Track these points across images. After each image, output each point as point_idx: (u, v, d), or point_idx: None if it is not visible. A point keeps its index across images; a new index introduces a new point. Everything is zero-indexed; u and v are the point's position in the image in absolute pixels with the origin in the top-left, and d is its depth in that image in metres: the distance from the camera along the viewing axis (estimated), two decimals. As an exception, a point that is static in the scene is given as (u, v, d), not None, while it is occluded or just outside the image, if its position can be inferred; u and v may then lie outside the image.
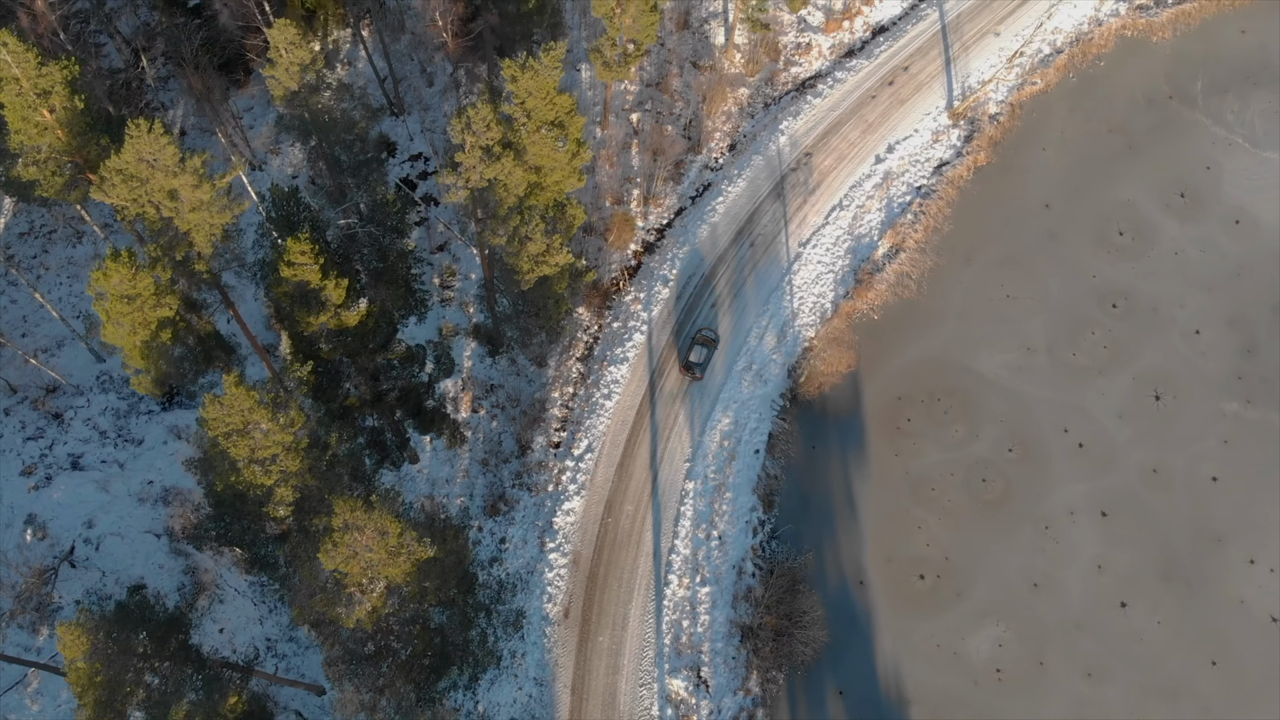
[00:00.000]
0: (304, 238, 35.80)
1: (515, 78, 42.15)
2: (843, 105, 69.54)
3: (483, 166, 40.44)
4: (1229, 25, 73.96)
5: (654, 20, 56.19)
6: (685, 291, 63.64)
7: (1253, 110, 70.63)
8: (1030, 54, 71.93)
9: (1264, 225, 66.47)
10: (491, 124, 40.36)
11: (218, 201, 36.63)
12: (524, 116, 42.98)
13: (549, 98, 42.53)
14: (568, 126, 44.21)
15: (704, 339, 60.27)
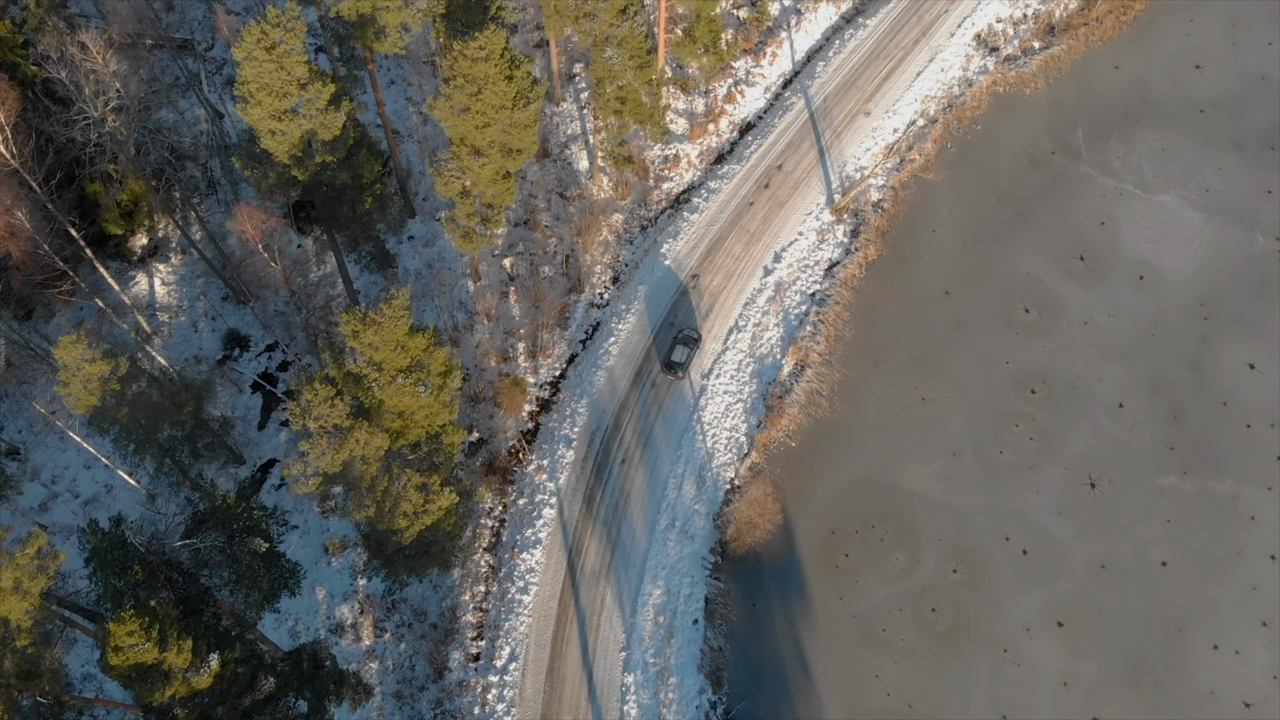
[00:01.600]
0: (129, 616, 30.57)
1: (357, 332, 37.31)
2: (721, 217, 65.91)
3: (332, 452, 35.57)
4: (1101, 63, 72.30)
5: (509, 185, 51.75)
6: (592, 450, 59.30)
7: (1138, 152, 68.95)
8: (904, 130, 69.18)
9: (1168, 277, 64.68)
10: (335, 401, 35.47)
11: (25, 573, 31.19)
12: (374, 370, 38.16)
13: (399, 346, 37.78)
14: (429, 365, 39.49)
15: (686, 338, 60.08)
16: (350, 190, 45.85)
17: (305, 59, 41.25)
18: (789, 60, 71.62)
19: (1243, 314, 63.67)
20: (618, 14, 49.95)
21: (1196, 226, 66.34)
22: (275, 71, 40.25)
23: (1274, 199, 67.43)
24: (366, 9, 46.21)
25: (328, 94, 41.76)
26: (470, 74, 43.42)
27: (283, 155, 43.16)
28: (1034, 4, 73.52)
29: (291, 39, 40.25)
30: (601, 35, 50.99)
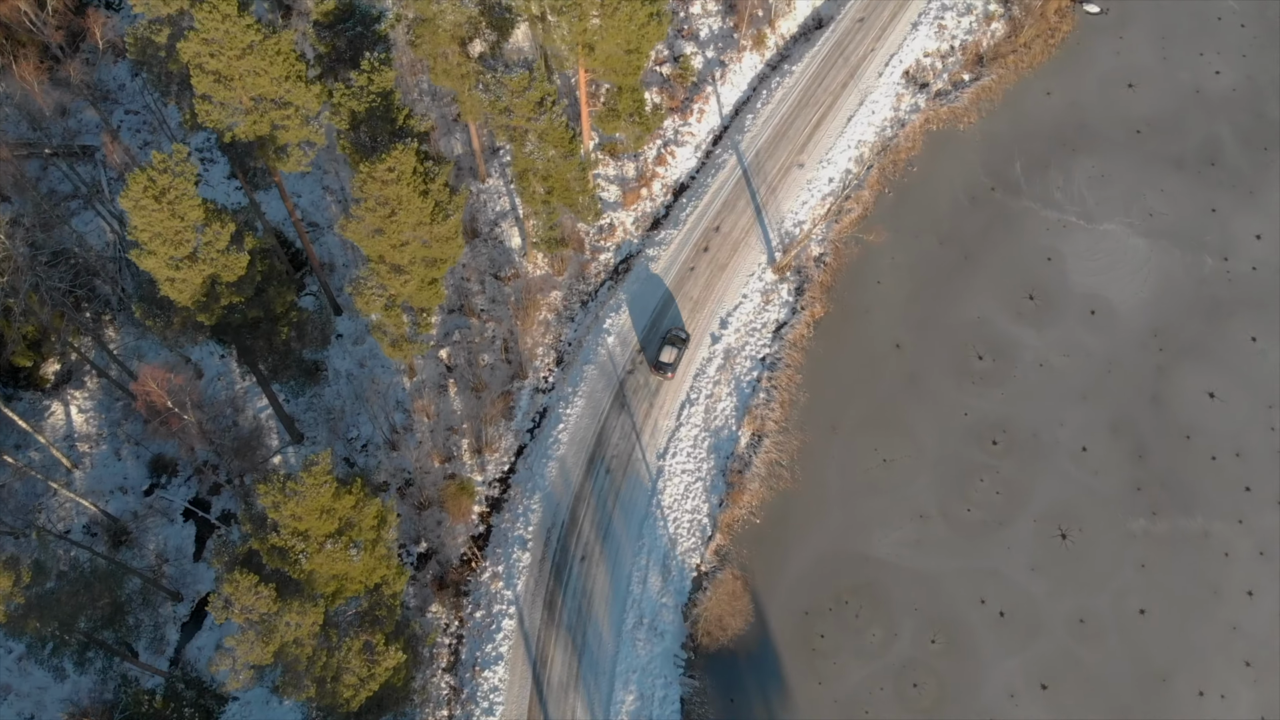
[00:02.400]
0: None
1: (278, 504, 34.56)
2: (664, 285, 63.64)
3: (261, 644, 32.84)
4: (1033, 90, 71.17)
5: (436, 290, 49.16)
6: (549, 549, 56.83)
7: (1078, 181, 67.88)
8: (839, 179, 67.45)
9: (1119, 309, 63.59)
10: (259, 589, 32.70)
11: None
12: (300, 541, 35.41)
13: (325, 512, 35.09)
14: (360, 523, 36.82)
15: (674, 338, 59.76)
16: (265, 323, 42.99)
17: (199, 201, 38.36)
18: (717, 115, 69.64)
19: (1197, 341, 62.76)
20: (534, 107, 47.53)
21: (1143, 254, 65.36)
22: (168, 220, 37.36)
23: (1218, 217, 66.68)
24: (264, 130, 43.36)
25: (228, 234, 38.94)
26: (382, 196, 40.77)
27: (186, 301, 40.22)
28: (960, 35, 72.22)
29: (182, 183, 37.37)
30: (520, 129, 48.55)
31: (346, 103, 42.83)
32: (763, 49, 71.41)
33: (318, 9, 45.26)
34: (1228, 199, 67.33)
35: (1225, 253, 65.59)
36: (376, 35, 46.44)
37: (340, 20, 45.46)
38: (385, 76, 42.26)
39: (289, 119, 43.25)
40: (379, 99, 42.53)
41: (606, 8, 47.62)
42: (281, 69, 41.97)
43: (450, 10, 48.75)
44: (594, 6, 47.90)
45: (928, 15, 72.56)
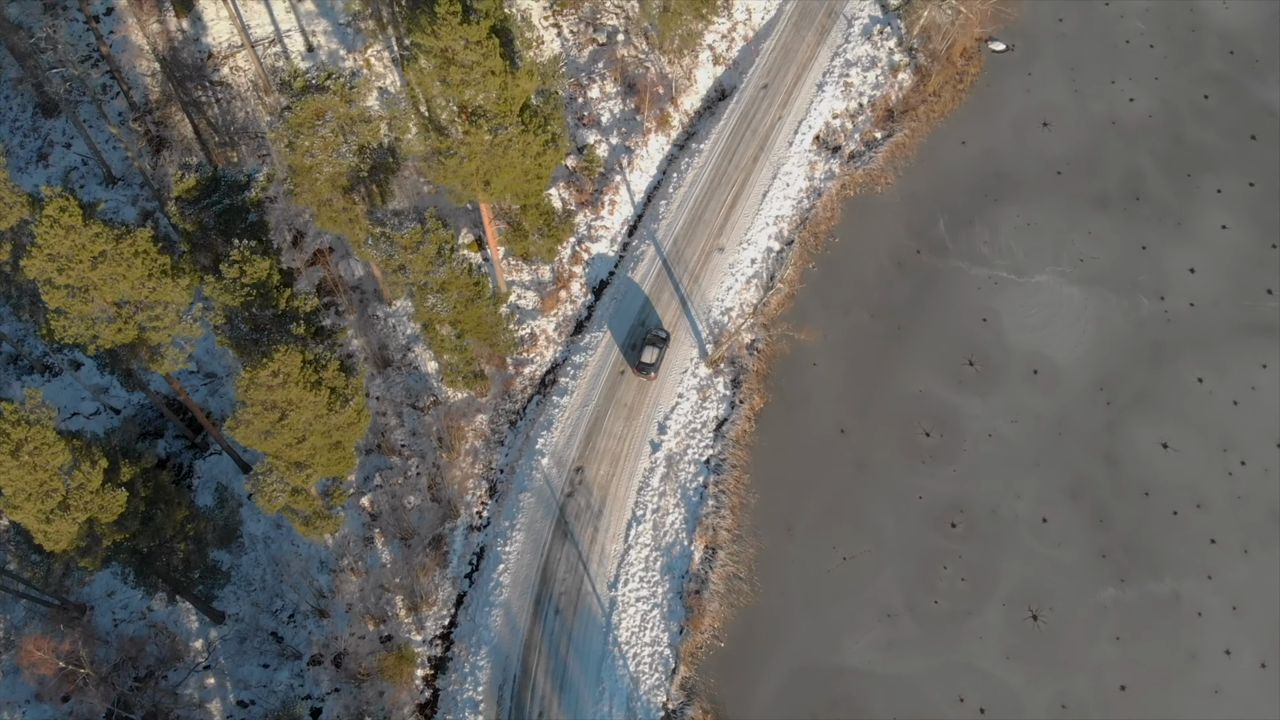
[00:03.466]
0: None
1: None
2: (594, 394, 60.63)
3: None
4: (947, 141, 69.28)
5: (344, 455, 45.52)
6: (503, 709, 53.41)
7: (1004, 233, 66.09)
8: (761, 259, 64.91)
9: (1061, 365, 61.86)
10: None
11: None
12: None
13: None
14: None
15: (654, 338, 59.66)
16: (156, 551, 39.05)
17: (62, 444, 34.39)
18: (629, 204, 66.69)
19: (1144, 389, 61.28)
20: (431, 261, 44.12)
21: (1078, 303, 63.75)
22: (29, 475, 33.36)
23: (1149, 255, 65.34)
24: (131, 335, 39.41)
25: (99, 473, 35.06)
26: (269, 401, 37.11)
27: (65, 548, 36.20)
28: (868, 91, 70.09)
29: (40, 431, 33.41)
30: (419, 284, 45.09)
31: (219, 297, 39.07)
32: (668, 129, 68.61)
33: (178, 186, 41.39)
34: (1157, 234, 66.04)
35: (1161, 291, 64.23)
36: (247, 204, 42.69)
37: (205, 195, 41.60)
38: (258, 266, 38.57)
39: (158, 318, 39.36)
40: (254, 290, 38.83)
41: (497, 146, 44.38)
42: (142, 269, 38.18)
43: (326, 162, 45.14)
44: (483, 146, 44.62)
45: (832, 74, 70.33)
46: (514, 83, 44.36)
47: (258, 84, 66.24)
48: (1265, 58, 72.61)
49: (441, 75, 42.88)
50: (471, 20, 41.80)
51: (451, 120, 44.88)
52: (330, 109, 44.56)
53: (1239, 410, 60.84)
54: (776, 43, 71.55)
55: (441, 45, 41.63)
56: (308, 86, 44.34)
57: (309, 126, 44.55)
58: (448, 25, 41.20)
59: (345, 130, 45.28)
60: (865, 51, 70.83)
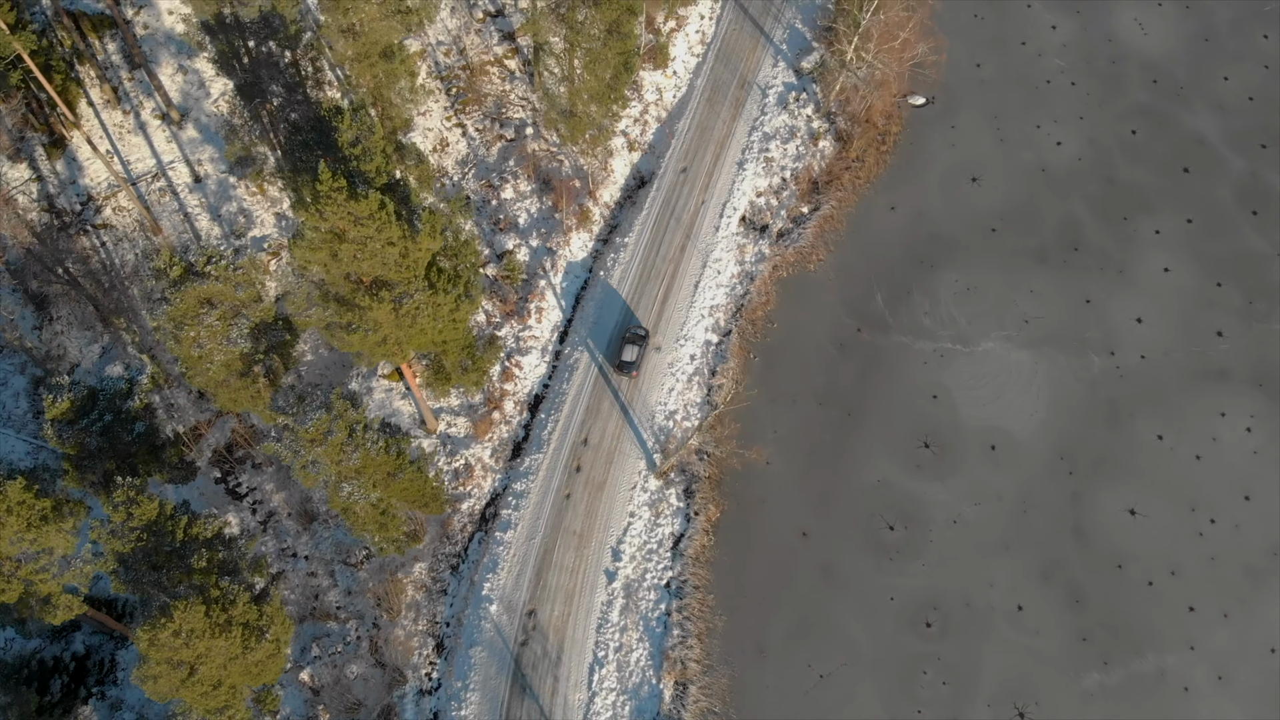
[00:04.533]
0: None
1: None
2: (540, 525, 57.28)
3: None
4: (876, 208, 66.96)
5: (270, 669, 41.69)
6: None
7: (944, 301, 63.89)
8: (700, 355, 62.02)
9: (1018, 437, 59.80)
10: None
11: None
12: None
13: None
14: None
15: (633, 336, 59.60)
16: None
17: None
18: (558, 309, 63.42)
19: (1104, 454, 59.45)
20: (342, 449, 40.47)
21: (1028, 368, 61.75)
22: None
23: (1095, 308, 63.59)
24: (15, 594, 35.31)
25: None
26: (175, 659, 33.28)
27: None
28: (790, 164, 67.52)
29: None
30: (334, 474, 41.42)
31: (108, 544, 35.12)
32: (589, 224, 65.42)
33: (51, 410, 37.31)
34: (1099, 284, 64.33)
35: (1110, 346, 62.49)
36: (132, 414, 38.68)
37: (82, 414, 37.58)
38: (147, 507, 34.68)
39: (44, 570, 35.31)
40: (145, 532, 34.94)
41: (404, 318, 40.87)
42: (19, 521, 34.08)
43: (218, 351, 41.25)
44: (389, 319, 41.08)
45: (751, 150, 67.64)
46: (415, 247, 40.87)
47: (144, 224, 61.82)
48: (1189, 82, 71.35)
49: (332, 252, 39.28)
50: (359, 194, 38.27)
51: (352, 291, 41.27)
52: (215, 295, 40.67)
53: (1202, 465, 59.25)
54: (691, 121, 68.69)
55: (328, 226, 38.02)
56: (187, 272, 40.45)
57: (193, 317, 40.62)
58: (332, 204, 37.62)
59: (235, 314, 41.40)
60: (783, 122, 68.25)
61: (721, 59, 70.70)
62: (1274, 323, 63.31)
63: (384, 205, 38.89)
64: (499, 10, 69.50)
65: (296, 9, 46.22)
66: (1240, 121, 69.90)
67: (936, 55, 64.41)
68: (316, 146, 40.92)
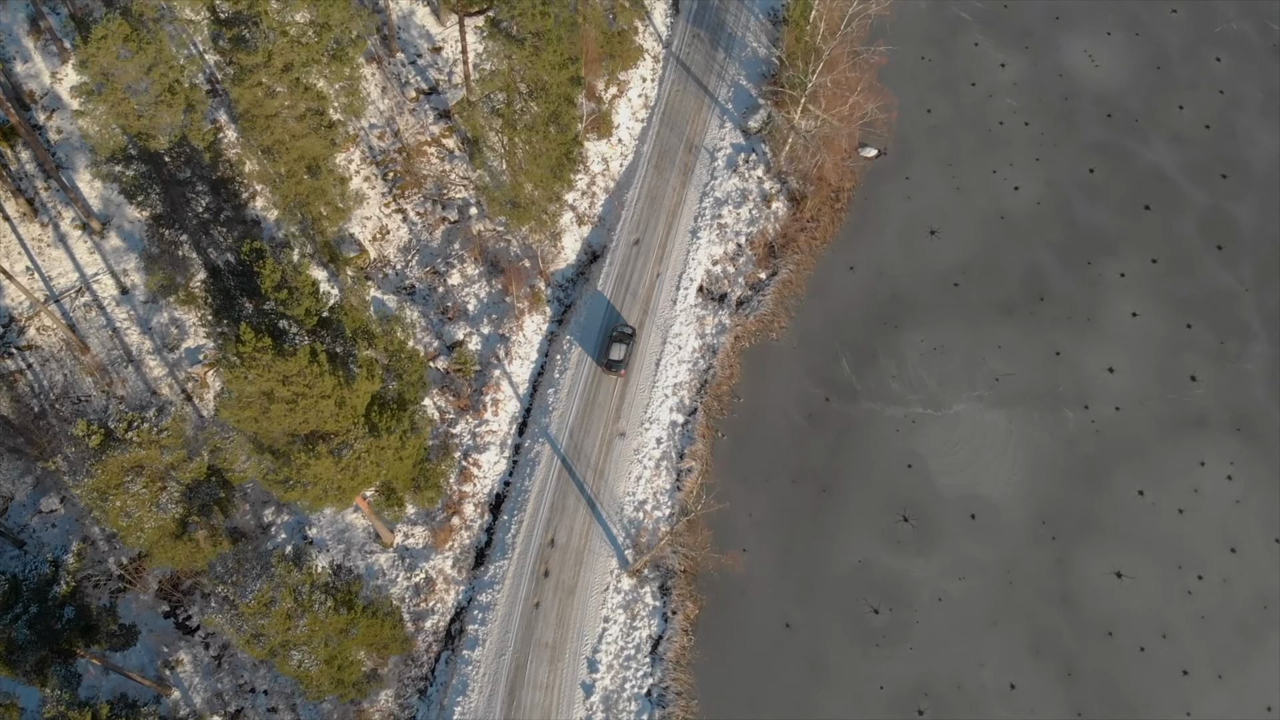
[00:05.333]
0: None
1: None
2: (509, 639, 54.74)
3: None
4: (835, 269, 65.01)
5: None
6: None
7: (911, 363, 62.04)
8: (667, 437, 59.73)
9: (998, 503, 58.06)
10: None
11: None
12: None
13: None
14: None
15: (620, 335, 59.43)
16: None
17: None
18: (514, 399, 60.84)
19: (1087, 515, 57.88)
20: (288, 617, 37.74)
21: (1003, 430, 60.04)
22: None
23: (1065, 360, 62.02)
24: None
25: None
26: None
27: None
28: (744, 228, 65.40)
29: None
30: (281, 643, 38.66)
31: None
32: (542, 305, 62.91)
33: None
34: (1068, 335, 62.77)
35: (1084, 399, 60.92)
36: (60, 599, 35.76)
37: (4, 609, 34.62)
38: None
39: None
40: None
41: (346, 472, 38.19)
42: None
43: (149, 518, 38.35)
44: (329, 469, 38.37)
45: (704, 217, 65.43)
46: (352, 394, 38.21)
47: (70, 344, 58.53)
48: (1144, 114, 70.03)
49: (262, 410, 36.53)
50: (287, 349, 35.57)
51: (287, 445, 38.52)
52: (140, 461, 37.78)
53: (1186, 519, 57.84)
54: (641, 190, 66.36)
55: (255, 390, 35.27)
56: (108, 439, 37.54)
57: (117, 485, 37.72)
58: (258, 366, 34.88)
59: (163, 477, 38.54)
60: (734, 185, 66.10)
61: (667, 123, 68.44)
62: (1247, 362, 62.05)
63: (315, 357, 36.22)
64: (432, 88, 66.78)
65: (210, 138, 43.34)
66: (1198, 152, 68.66)
67: (886, 113, 62.41)
68: (240, 292, 38.14)
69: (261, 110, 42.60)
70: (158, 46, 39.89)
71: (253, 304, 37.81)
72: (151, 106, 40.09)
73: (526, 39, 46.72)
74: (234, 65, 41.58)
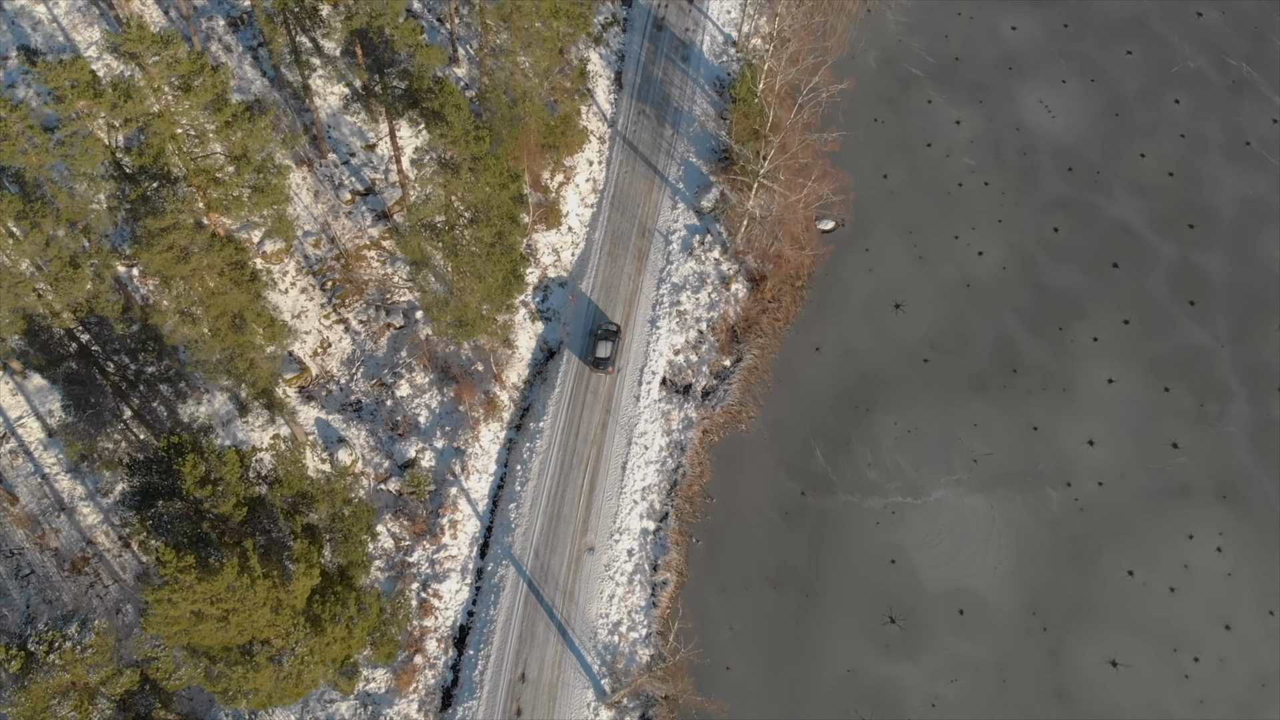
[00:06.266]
0: None
1: None
2: (486, 782, 51.74)
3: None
4: (800, 351, 62.65)
5: None
6: None
7: (885, 448, 59.76)
8: (639, 548, 57.01)
9: (986, 596, 55.93)
10: None
11: None
12: None
13: None
14: None
15: (605, 333, 59.35)
16: None
17: None
18: (474, 518, 57.85)
19: (1076, 601, 55.91)
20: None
21: (985, 515, 57.91)
22: None
23: (1043, 436, 60.02)
24: None
25: None
26: None
27: None
28: (704, 314, 62.82)
29: None
30: None
31: None
32: (498, 412, 59.92)
33: None
34: (1044, 407, 60.78)
35: (1065, 475, 58.96)
36: None
37: None
38: None
39: None
40: None
41: (288, 678, 35.08)
42: None
43: None
44: (269, 678, 35.25)
45: (662, 304, 62.76)
46: (289, 595, 35.09)
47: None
48: (1106, 165, 68.27)
49: (193, 624, 33.37)
50: (213, 564, 32.43)
51: (223, 651, 35.33)
52: (65, 684, 34.48)
53: (1178, 598, 56.02)
54: (595, 280, 63.55)
55: (179, 612, 32.11)
56: (29, 663, 34.20)
57: (43, 710, 34.40)
58: (181, 589, 31.74)
59: (92, 696, 35.26)
60: (691, 269, 63.49)
61: (617, 206, 65.66)
62: (1228, 424, 60.38)
63: (245, 566, 33.10)
64: (368, 188, 63.53)
65: (119, 309, 39.95)
66: (1163, 202, 66.97)
67: (843, 195, 60.06)
68: (159, 492, 34.95)
69: (176, 272, 39.34)
70: (54, 219, 36.51)
71: (173, 506, 34.60)
72: (53, 283, 36.72)
73: (462, 165, 43.74)
74: (142, 229, 38.27)
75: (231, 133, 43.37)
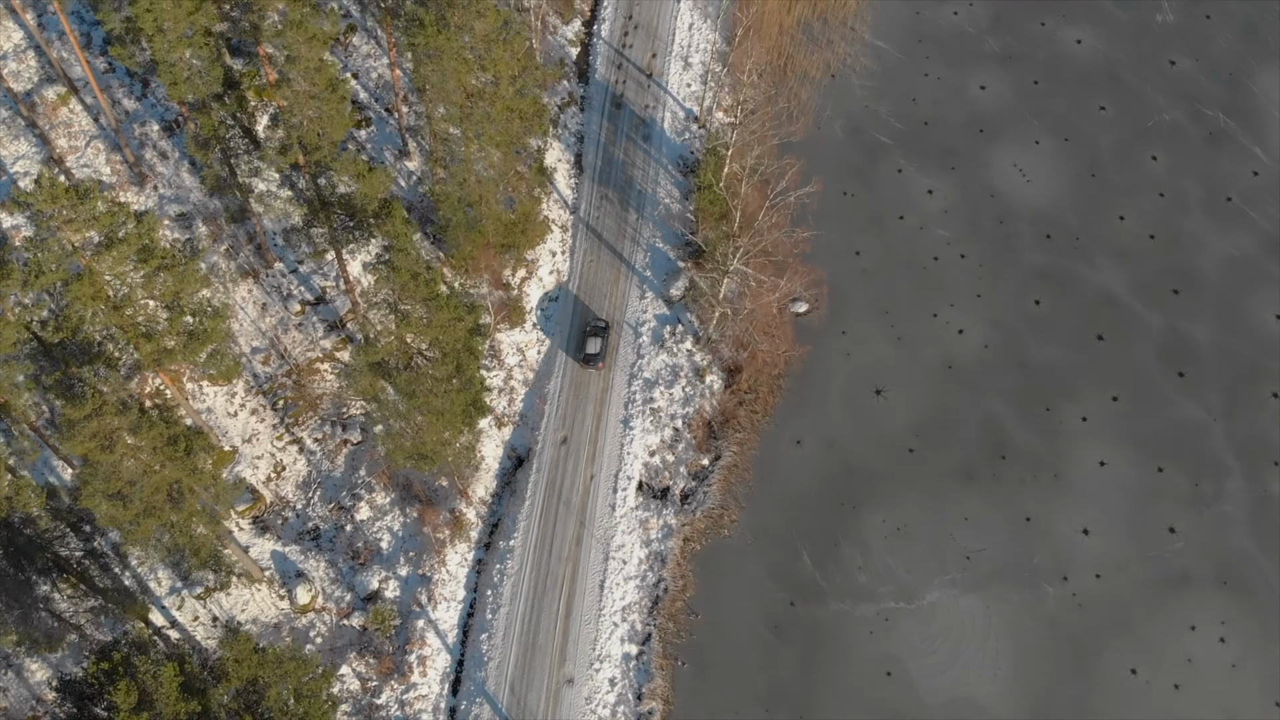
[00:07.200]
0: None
1: None
2: None
3: None
4: (781, 445, 59.99)
5: None
6: None
7: (875, 549, 57.20)
8: (622, 675, 54.05)
9: (986, 705, 53.73)
10: None
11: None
12: None
13: None
14: None
15: (594, 329, 59.25)
16: None
17: None
18: (444, 652, 54.61)
19: (1080, 706, 53.71)
20: None
21: (980, 616, 55.48)
22: None
23: (1036, 527, 57.79)
24: None
25: None
26: None
27: None
28: (679, 410, 59.92)
29: None
30: None
31: None
32: (466, 531, 56.71)
33: None
34: (1036, 497, 58.47)
35: (1062, 569, 56.67)
36: None
37: None
38: None
39: None
40: None
41: None
42: None
43: None
44: None
45: (635, 402, 59.80)
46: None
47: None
48: (1084, 230, 66.10)
49: None
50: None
51: None
52: None
53: (1183, 695, 53.88)
54: (562, 380, 60.48)
55: None
56: None
57: None
58: None
59: None
60: (663, 362, 60.57)
61: (584, 298, 62.55)
62: (1225, 503, 58.35)
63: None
64: (319, 297, 60.00)
65: (41, 503, 36.47)
66: (1146, 267, 64.89)
67: (816, 289, 57.38)
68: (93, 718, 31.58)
69: (102, 459, 35.86)
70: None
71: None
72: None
73: (414, 310, 40.52)
74: (62, 419, 34.78)
75: (162, 282, 40.02)
